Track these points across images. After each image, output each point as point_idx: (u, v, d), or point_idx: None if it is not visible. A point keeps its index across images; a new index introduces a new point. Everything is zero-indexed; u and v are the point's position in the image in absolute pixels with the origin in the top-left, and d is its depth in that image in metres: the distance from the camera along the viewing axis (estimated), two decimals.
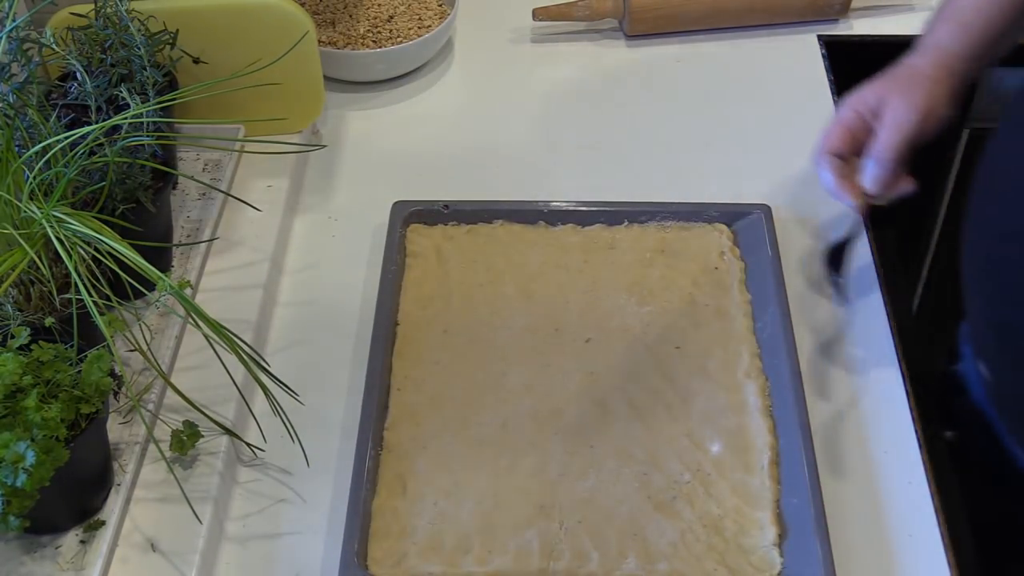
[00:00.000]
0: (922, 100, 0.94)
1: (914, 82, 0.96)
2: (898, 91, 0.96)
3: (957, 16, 0.99)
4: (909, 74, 0.97)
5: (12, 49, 0.88)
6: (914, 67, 0.97)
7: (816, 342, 0.99)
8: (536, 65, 1.31)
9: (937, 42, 0.98)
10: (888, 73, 0.99)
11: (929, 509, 0.88)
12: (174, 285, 0.82)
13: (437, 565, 0.83)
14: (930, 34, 1.00)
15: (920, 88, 0.95)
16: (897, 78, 0.97)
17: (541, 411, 0.93)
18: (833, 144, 0.97)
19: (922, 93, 0.95)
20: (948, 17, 0.99)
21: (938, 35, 0.99)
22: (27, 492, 0.74)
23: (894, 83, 0.97)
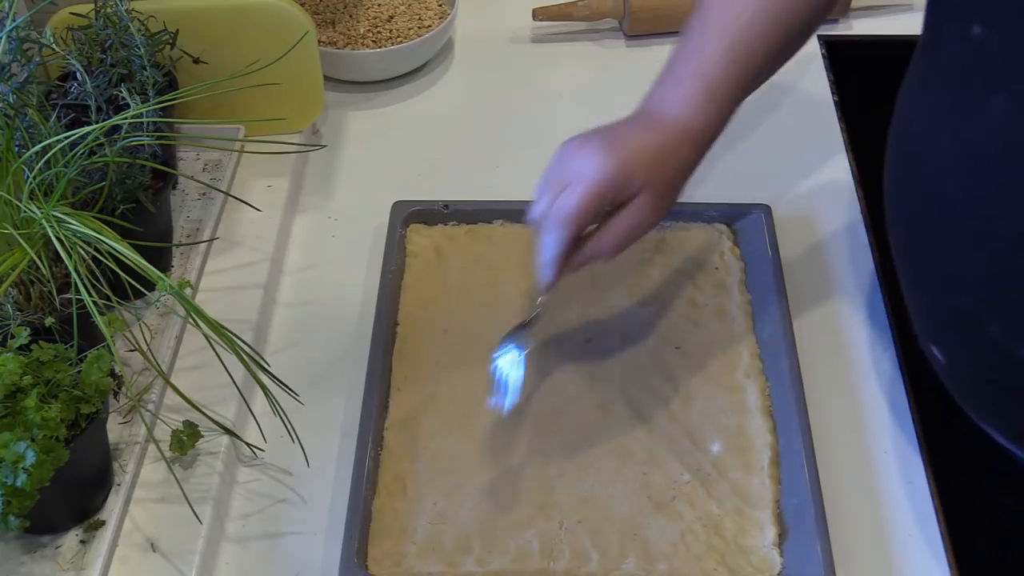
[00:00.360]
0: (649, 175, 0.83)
1: (657, 157, 0.84)
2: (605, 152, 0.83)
3: (701, 70, 0.87)
4: (655, 155, 0.84)
5: (12, 49, 0.88)
6: (661, 144, 0.85)
7: (816, 342, 0.99)
8: (536, 65, 1.31)
9: (679, 114, 0.86)
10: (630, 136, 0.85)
11: (929, 509, 0.88)
12: (174, 285, 0.82)
13: (437, 565, 0.83)
14: (672, 95, 0.87)
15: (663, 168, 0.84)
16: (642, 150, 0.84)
17: (541, 411, 0.93)
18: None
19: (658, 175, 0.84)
20: (692, 72, 0.87)
21: (677, 98, 0.87)
22: (27, 492, 0.74)
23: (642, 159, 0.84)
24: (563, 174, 0.83)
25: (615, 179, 0.81)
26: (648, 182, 0.82)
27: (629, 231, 0.84)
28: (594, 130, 0.87)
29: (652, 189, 0.83)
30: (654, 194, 0.83)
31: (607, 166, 0.81)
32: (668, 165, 0.84)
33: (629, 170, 0.82)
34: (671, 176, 0.85)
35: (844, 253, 1.07)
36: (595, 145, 0.83)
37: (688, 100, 0.86)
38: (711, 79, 0.86)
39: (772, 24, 0.87)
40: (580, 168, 0.82)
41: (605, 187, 0.81)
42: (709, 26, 0.87)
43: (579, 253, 0.85)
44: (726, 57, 0.86)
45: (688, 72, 0.87)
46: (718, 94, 0.86)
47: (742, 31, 0.87)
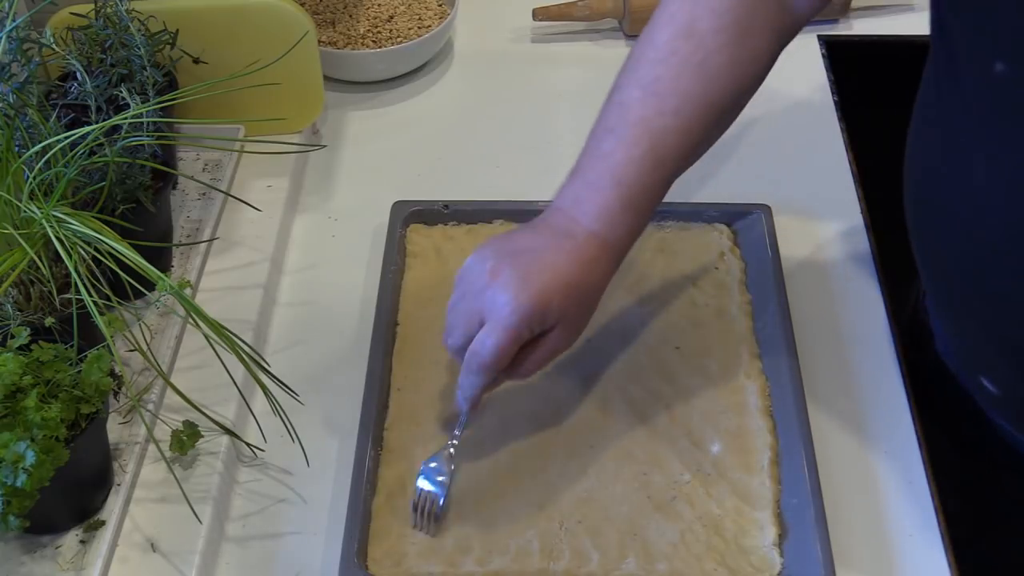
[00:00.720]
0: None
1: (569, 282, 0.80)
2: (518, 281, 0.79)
3: (617, 173, 0.81)
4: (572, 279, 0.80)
5: (12, 49, 0.88)
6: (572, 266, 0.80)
7: (816, 342, 0.99)
8: (536, 65, 1.31)
9: (594, 227, 0.81)
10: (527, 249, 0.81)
11: (929, 509, 0.88)
12: (174, 285, 0.82)
13: (437, 565, 0.83)
14: (587, 203, 0.82)
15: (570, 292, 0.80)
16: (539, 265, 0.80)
17: (541, 411, 0.92)
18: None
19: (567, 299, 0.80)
20: (609, 179, 0.82)
21: (593, 208, 0.81)
22: (27, 492, 0.74)
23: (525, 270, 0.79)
24: (476, 303, 0.80)
25: (531, 319, 0.79)
26: (562, 315, 0.80)
27: (545, 359, 0.82)
28: (506, 246, 0.83)
29: (567, 321, 0.81)
30: (568, 325, 0.81)
31: (523, 306, 0.78)
32: (581, 292, 0.81)
33: (544, 307, 0.79)
34: (585, 304, 0.82)
35: (844, 253, 1.07)
36: (508, 277, 0.79)
37: (605, 210, 0.81)
38: (630, 188, 0.81)
39: (692, 122, 0.83)
40: (494, 304, 0.79)
41: (522, 329, 0.79)
42: (625, 126, 0.82)
43: (499, 376, 0.83)
44: (645, 162, 0.81)
45: (605, 177, 0.82)
46: (637, 203, 0.82)
47: (663, 134, 0.82)
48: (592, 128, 0.86)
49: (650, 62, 0.84)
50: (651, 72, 0.83)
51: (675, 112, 0.82)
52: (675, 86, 0.82)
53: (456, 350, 0.83)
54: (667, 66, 0.83)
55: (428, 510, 0.84)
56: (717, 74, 0.83)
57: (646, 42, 0.85)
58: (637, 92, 0.83)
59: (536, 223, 0.84)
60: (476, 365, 0.81)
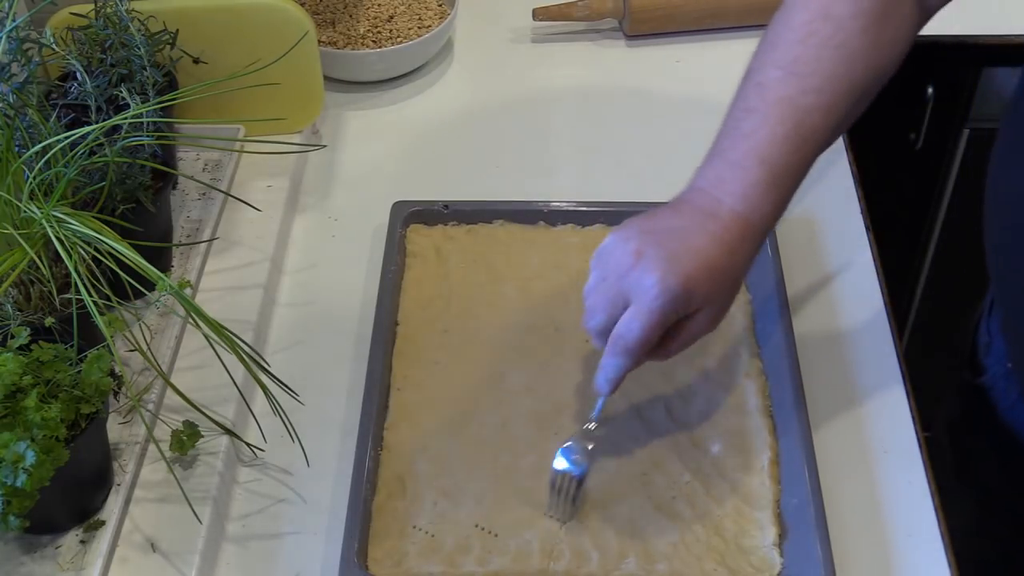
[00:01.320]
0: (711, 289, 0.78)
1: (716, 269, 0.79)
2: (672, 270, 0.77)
3: (761, 152, 0.80)
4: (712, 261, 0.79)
5: (12, 49, 0.88)
6: (713, 250, 0.79)
7: (816, 343, 0.99)
8: (536, 65, 1.31)
9: (739, 207, 0.80)
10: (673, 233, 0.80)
11: (929, 509, 0.88)
12: (174, 285, 0.82)
13: (437, 565, 0.83)
14: (730, 182, 0.81)
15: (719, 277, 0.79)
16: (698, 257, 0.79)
17: (541, 411, 0.92)
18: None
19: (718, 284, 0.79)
20: (753, 158, 0.80)
21: (738, 187, 0.80)
22: (27, 492, 0.74)
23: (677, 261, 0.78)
24: (620, 285, 0.79)
25: (677, 303, 0.78)
26: (708, 299, 0.79)
27: (688, 341, 0.82)
28: (648, 226, 0.82)
29: (712, 305, 0.80)
30: (715, 307, 0.81)
31: (670, 290, 0.77)
32: (727, 275, 0.80)
33: (690, 290, 0.77)
34: (730, 287, 0.81)
35: (844, 253, 1.07)
36: (654, 259, 0.78)
37: (751, 189, 0.80)
38: (775, 167, 0.80)
39: (835, 101, 0.81)
40: (640, 286, 0.77)
41: (668, 312, 0.78)
42: (767, 106, 0.81)
43: (641, 358, 0.82)
44: (790, 142, 0.80)
45: (749, 158, 0.80)
46: (781, 182, 0.81)
47: (806, 113, 0.80)
48: (729, 109, 0.84)
49: (788, 43, 0.83)
50: (790, 53, 0.82)
51: (818, 91, 0.81)
52: (816, 66, 0.81)
53: (598, 332, 0.81)
54: (806, 47, 0.82)
55: (567, 491, 0.84)
56: (857, 56, 0.82)
57: (781, 24, 0.84)
58: (777, 72, 0.82)
59: (677, 203, 0.83)
60: (621, 348, 0.79)
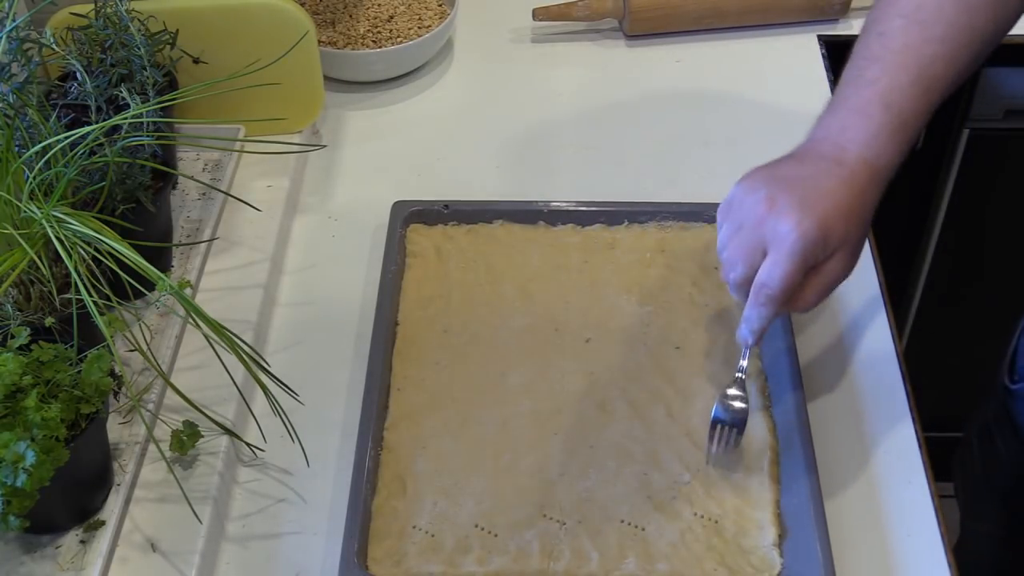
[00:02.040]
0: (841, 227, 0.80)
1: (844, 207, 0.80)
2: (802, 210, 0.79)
3: (886, 98, 0.82)
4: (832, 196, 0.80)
5: (12, 49, 0.88)
6: (835, 184, 0.81)
7: (816, 342, 0.99)
8: (536, 65, 1.31)
9: (866, 153, 0.82)
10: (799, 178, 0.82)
11: (929, 509, 0.88)
12: (174, 285, 0.82)
13: (437, 565, 0.83)
14: (855, 129, 0.83)
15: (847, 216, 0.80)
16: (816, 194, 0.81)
17: (541, 411, 0.93)
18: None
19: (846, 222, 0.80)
20: (879, 104, 0.82)
21: (863, 133, 0.82)
22: (27, 492, 0.74)
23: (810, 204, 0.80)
24: (756, 234, 0.81)
25: (816, 245, 0.79)
26: (844, 241, 0.81)
27: (827, 288, 0.83)
28: (776, 174, 0.83)
29: (847, 247, 0.81)
30: (849, 251, 0.82)
31: (808, 232, 0.78)
32: (859, 218, 0.81)
33: (827, 232, 0.79)
34: (862, 229, 0.82)
35: None
36: (787, 204, 0.79)
37: (875, 136, 0.81)
38: (900, 111, 0.82)
39: (958, 50, 0.83)
40: (776, 232, 0.79)
41: (808, 255, 0.79)
42: (891, 54, 0.83)
43: (783, 307, 0.83)
44: (914, 88, 0.82)
45: (874, 104, 0.82)
46: (907, 127, 0.82)
47: (930, 61, 0.82)
48: (850, 60, 0.86)
49: None
50: (912, 1, 0.83)
51: (941, 39, 0.82)
52: (939, 15, 0.82)
53: (738, 285, 0.83)
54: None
55: (727, 440, 0.87)
56: (979, 5, 0.83)
57: None
58: (899, 21, 0.83)
59: (799, 152, 0.84)
60: (765, 297, 0.81)
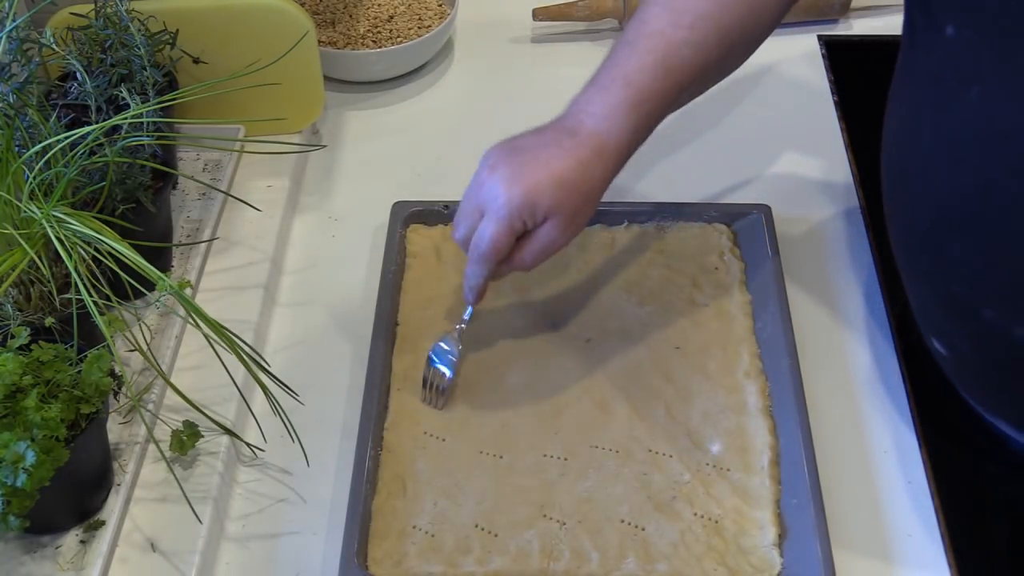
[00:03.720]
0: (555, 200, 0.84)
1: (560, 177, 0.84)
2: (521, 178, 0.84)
3: (628, 77, 0.86)
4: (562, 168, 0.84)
5: (12, 49, 0.88)
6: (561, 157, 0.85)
7: (816, 342, 0.99)
8: (536, 65, 1.31)
9: (598, 126, 0.86)
10: (529, 145, 0.86)
11: (929, 509, 0.88)
12: (174, 285, 0.82)
13: (437, 565, 0.83)
14: (594, 103, 0.87)
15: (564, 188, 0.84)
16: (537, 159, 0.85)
17: (541, 411, 0.93)
18: None
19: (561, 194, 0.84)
20: (619, 81, 0.86)
21: (600, 107, 0.86)
22: (27, 492, 0.74)
23: (524, 167, 0.84)
24: (477, 198, 0.86)
25: (522, 211, 0.84)
26: (553, 209, 0.84)
27: (542, 251, 0.87)
28: (510, 144, 0.88)
29: (558, 215, 0.85)
30: (562, 219, 0.85)
31: (513, 199, 0.84)
32: (574, 189, 0.85)
33: (534, 201, 0.84)
34: (578, 199, 0.85)
35: (844, 253, 1.07)
36: (503, 173, 0.85)
37: (611, 109, 0.86)
38: (639, 89, 0.86)
39: (706, 39, 0.87)
40: (489, 196, 0.85)
41: (514, 220, 0.84)
42: (641, 38, 0.87)
43: (501, 267, 0.88)
44: (656, 70, 0.86)
45: (616, 81, 0.87)
46: (644, 105, 0.86)
47: (677, 46, 0.87)
48: (613, 45, 0.90)
49: None
50: None
51: (690, 27, 0.87)
52: (692, 5, 0.87)
53: (462, 242, 0.89)
54: None
55: (437, 385, 0.92)
56: (729, 2, 0.88)
57: None
58: (656, 9, 0.88)
59: (545, 124, 0.89)
60: (477, 255, 0.87)
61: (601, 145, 0.85)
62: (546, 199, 0.84)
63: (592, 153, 0.85)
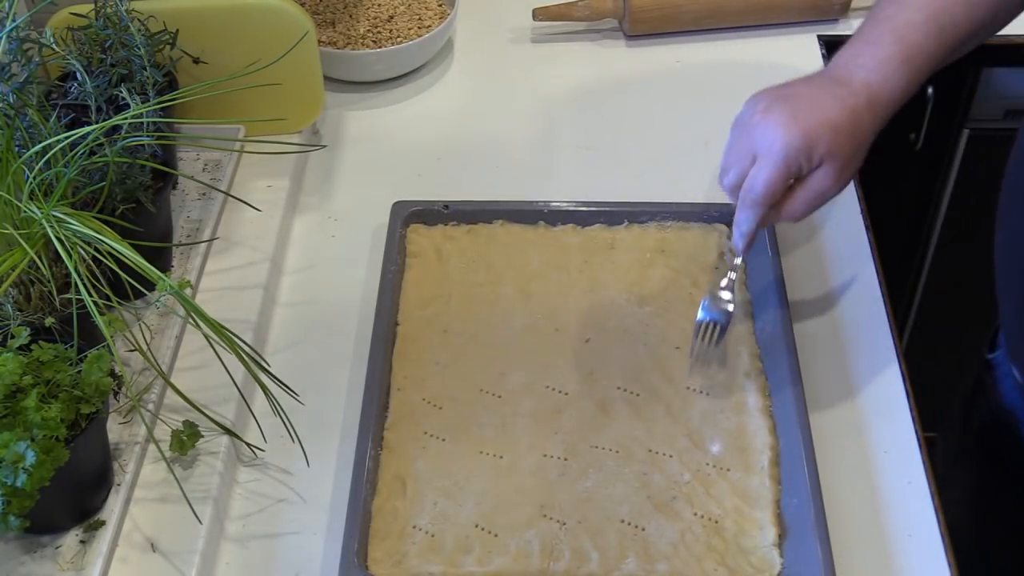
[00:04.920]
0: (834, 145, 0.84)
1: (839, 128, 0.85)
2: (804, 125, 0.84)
3: (898, 32, 0.87)
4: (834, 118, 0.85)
5: (12, 49, 0.88)
6: (838, 109, 0.85)
7: (816, 342, 0.99)
8: (536, 65, 1.31)
9: (869, 78, 0.86)
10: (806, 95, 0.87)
11: (929, 509, 0.88)
12: (174, 285, 0.82)
13: (437, 565, 0.83)
14: (864, 56, 0.87)
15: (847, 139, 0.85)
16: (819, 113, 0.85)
17: (541, 411, 0.93)
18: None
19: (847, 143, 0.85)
20: (890, 36, 0.87)
21: (871, 60, 0.86)
22: (27, 492, 0.74)
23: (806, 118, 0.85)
24: (750, 142, 0.86)
25: (799, 156, 0.84)
26: (829, 154, 0.84)
27: (814, 199, 0.87)
28: (779, 91, 0.88)
29: (834, 161, 0.85)
30: (836, 166, 0.85)
31: (791, 142, 0.84)
32: (849, 136, 0.85)
33: (811, 144, 0.84)
34: (851, 147, 0.86)
35: (844, 253, 1.07)
36: (779, 115, 0.85)
37: (883, 63, 0.86)
38: (910, 44, 0.86)
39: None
40: (764, 140, 0.85)
41: (791, 163, 0.85)
42: None
43: (770, 215, 0.89)
44: (928, 26, 0.86)
45: (885, 36, 0.86)
46: (915, 61, 0.86)
47: (948, 3, 0.86)
48: (875, 2, 0.91)
49: None
50: None
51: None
52: None
53: (731, 189, 0.89)
54: None
55: (711, 337, 0.93)
56: None
57: None
58: None
59: (812, 75, 0.90)
60: (750, 200, 0.87)
61: (872, 96, 0.85)
62: (823, 143, 0.84)
63: (864, 103, 0.85)
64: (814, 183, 0.86)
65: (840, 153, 0.85)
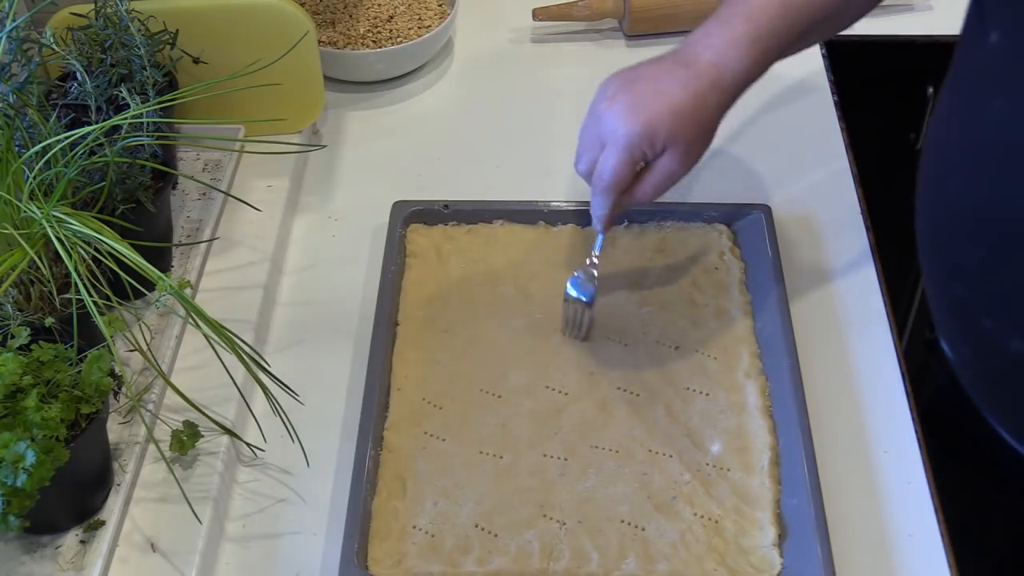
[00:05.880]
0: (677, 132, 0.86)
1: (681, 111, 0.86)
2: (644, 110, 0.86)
3: (748, 13, 0.88)
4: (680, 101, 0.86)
5: (12, 49, 0.88)
6: (682, 91, 0.86)
7: (816, 342, 0.99)
8: (536, 65, 1.31)
9: (715, 58, 0.87)
10: (650, 75, 0.88)
11: (929, 509, 0.88)
12: (174, 285, 0.82)
13: (437, 565, 0.83)
14: (713, 36, 0.88)
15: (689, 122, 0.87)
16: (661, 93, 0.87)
17: (541, 411, 0.93)
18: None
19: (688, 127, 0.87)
20: (740, 17, 0.88)
21: (719, 40, 0.88)
22: (27, 492, 0.74)
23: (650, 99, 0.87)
24: (598, 129, 0.89)
25: (641, 143, 0.86)
26: (672, 139, 0.86)
27: (662, 183, 0.89)
28: (627, 75, 0.90)
29: (677, 145, 0.87)
30: (680, 150, 0.87)
31: (633, 131, 0.86)
32: (691, 119, 0.87)
33: (652, 132, 0.86)
34: (695, 130, 0.87)
35: (844, 253, 1.07)
36: (622, 104, 0.87)
37: (730, 42, 0.87)
38: (759, 25, 0.87)
39: None
40: (609, 128, 0.87)
41: (634, 151, 0.87)
42: None
43: (623, 198, 0.91)
44: (777, 7, 0.87)
45: (737, 16, 0.88)
46: (764, 43, 0.87)
47: None
48: None
49: None
50: None
51: None
52: None
53: (585, 175, 0.92)
54: None
55: (578, 315, 0.96)
56: None
57: None
58: None
59: (665, 54, 0.91)
60: (600, 187, 0.90)
61: (718, 77, 0.87)
62: (664, 129, 0.86)
63: (708, 85, 0.87)
64: (661, 167, 0.88)
65: (683, 137, 0.87)
